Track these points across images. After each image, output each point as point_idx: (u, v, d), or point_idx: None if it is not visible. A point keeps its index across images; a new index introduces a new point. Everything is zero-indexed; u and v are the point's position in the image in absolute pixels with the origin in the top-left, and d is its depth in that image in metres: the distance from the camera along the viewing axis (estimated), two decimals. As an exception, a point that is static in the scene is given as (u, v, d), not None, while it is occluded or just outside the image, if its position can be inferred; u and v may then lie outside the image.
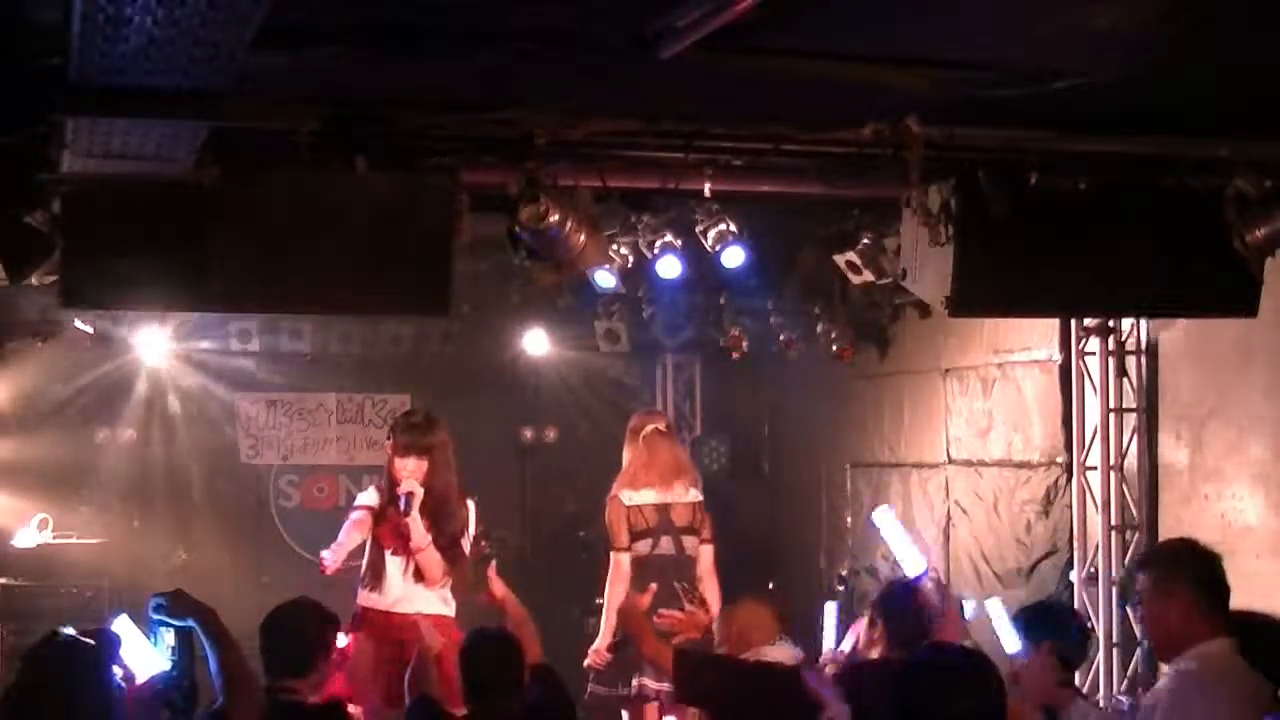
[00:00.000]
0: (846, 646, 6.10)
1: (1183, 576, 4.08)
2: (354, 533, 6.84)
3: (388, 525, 6.87)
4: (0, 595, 8.93)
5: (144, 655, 4.26)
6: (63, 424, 9.53)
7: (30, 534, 9.07)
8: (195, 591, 4.32)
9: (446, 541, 6.82)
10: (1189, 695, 3.95)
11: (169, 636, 4.26)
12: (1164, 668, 4.20)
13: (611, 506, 7.44)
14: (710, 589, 7.32)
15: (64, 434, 9.49)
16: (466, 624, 6.15)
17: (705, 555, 7.45)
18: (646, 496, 7.40)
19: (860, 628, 5.92)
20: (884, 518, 5.40)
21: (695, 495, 7.50)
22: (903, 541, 5.33)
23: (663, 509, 7.40)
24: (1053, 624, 4.89)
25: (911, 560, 5.24)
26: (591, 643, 7.40)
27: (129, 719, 4.00)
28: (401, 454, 6.79)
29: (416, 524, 6.73)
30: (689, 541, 7.41)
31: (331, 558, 6.60)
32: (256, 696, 4.35)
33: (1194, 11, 4.14)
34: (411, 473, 6.75)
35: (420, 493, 6.73)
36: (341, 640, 6.38)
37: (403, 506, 6.70)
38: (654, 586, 6.96)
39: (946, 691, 3.59)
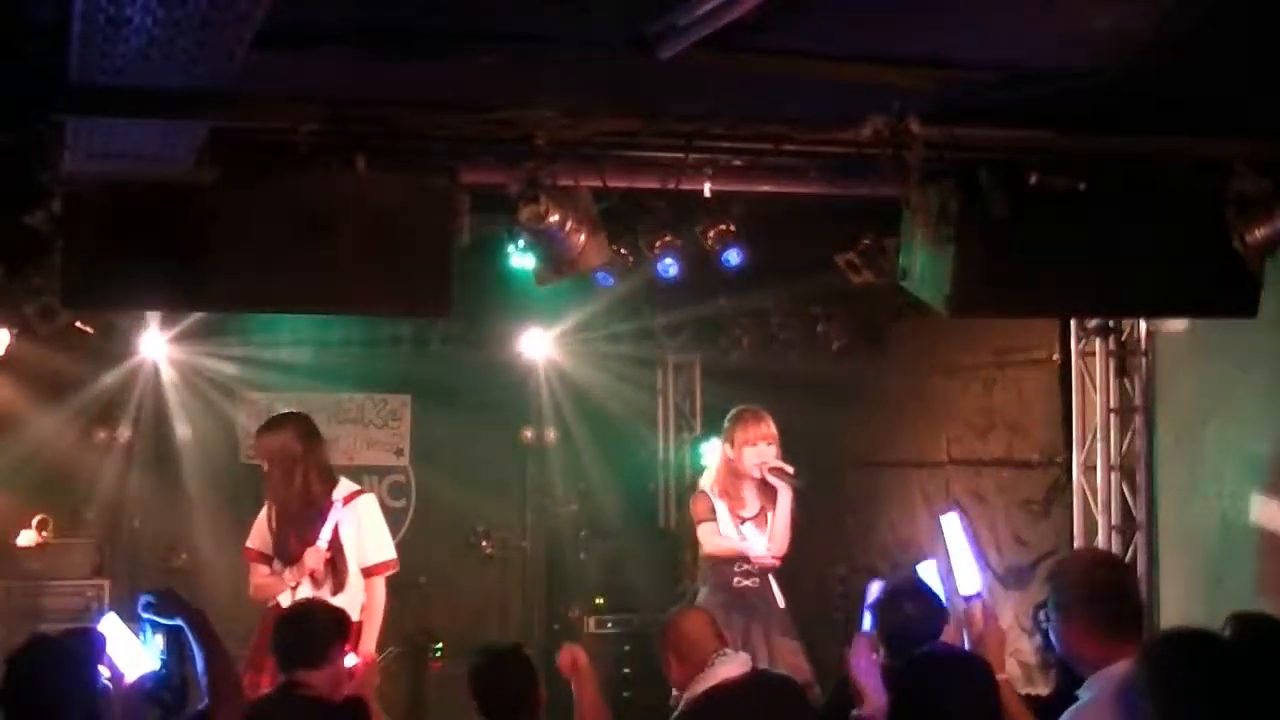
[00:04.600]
0: None
1: (1077, 597, 3.82)
2: None
3: None
4: (0, 595, 8.92)
5: (134, 654, 4.25)
6: (63, 424, 9.50)
7: (30, 534, 9.06)
8: (195, 592, 4.33)
9: None
10: None
11: (158, 636, 4.25)
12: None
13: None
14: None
15: (64, 434, 9.47)
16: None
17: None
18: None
19: None
20: (951, 523, 5.07)
21: None
22: (965, 554, 4.99)
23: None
24: None
25: (967, 577, 4.92)
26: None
27: (118, 718, 3.98)
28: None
29: None
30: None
31: None
32: (240, 700, 4.34)
33: (1195, 11, 4.14)
34: None
35: None
36: (351, 660, 6.37)
37: None
38: None
39: (943, 692, 3.61)
